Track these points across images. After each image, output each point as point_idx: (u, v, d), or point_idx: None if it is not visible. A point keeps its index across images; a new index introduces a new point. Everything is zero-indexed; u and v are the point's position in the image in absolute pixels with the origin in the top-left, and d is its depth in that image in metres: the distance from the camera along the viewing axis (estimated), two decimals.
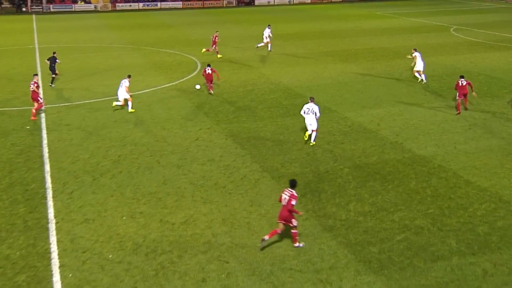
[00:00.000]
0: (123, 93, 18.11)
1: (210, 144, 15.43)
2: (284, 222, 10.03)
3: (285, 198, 10.03)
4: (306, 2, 67.38)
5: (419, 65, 21.73)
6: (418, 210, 11.51)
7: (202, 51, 28.50)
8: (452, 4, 60.19)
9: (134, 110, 18.10)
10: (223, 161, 14.22)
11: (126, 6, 56.83)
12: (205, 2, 63.61)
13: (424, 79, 21.77)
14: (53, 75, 21.74)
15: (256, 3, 65.52)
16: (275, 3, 65.96)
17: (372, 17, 37.63)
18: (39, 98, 17.46)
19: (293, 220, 9.98)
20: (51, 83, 21.61)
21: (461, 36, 34.01)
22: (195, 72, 24.47)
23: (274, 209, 11.43)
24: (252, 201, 11.96)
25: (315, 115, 15.19)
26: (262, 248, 9.90)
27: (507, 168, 13.66)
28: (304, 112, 15.37)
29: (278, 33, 36.98)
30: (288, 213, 9.94)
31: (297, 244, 10.09)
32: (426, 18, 43.63)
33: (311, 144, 15.26)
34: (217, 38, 27.63)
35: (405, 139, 15.71)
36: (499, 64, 25.34)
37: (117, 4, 56.81)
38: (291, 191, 10.00)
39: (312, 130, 15.34)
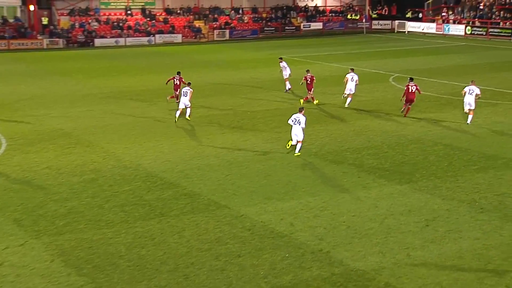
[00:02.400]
0: (187, 101, 28.24)
1: (24, 272, 14.49)
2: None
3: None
4: (176, 41, 69.70)
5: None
6: None
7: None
8: (391, 41, 66.31)
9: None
10: None
11: None
12: (10, 41, 63.38)
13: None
14: None
15: (97, 43, 66.33)
16: (127, 44, 67.38)
17: (275, 62, 39.56)
18: None
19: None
20: None
21: (403, 87, 36.52)
22: None
23: None
24: None
25: (300, 124, 22.63)
26: None
27: (488, 285, 13.80)
28: (292, 122, 22.96)
29: (130, 89, 37.92)
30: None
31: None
32: (355, 63, 46.70)
33: (296, 155, 22.38)
34: None
35: (333, 246, 15.64)
36: (463, 128, 27.04)
37: None
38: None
39: (298, 141, 22.73)
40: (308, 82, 32.04)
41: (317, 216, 17.54)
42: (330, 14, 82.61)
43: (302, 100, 26.71)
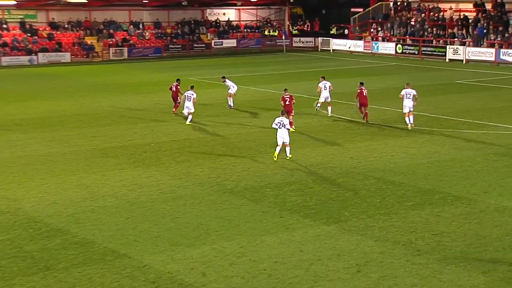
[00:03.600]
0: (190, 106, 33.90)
1: None
2: None
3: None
4: (63, 61, 68.84)
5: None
6: None
7: None
8: (315, 61, 67.64)
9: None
10: None
11: None
12: None
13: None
14: None
15: None
16: (3, 64, 65.93)
17: (182, 85, 39.51)
18: None
19: None
20: None
21: (328, 113, 37.33)
22: None
23: None
24: None
25: (285, 126, 26.98)
26: None
27: None
28: (277, 125, 27.00)
29: (7, 118, 37.21)
30: None
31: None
32: (274, 85, 47.64)
33: (288, 157, 27.14)
34: None
35: None
36: (396, 159, 27.82)
37: None
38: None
39: (285, 144, 27.11)
40: (287, 103, 32.25)
41: (233, 264, 17.48)
42: (245, 30, 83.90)
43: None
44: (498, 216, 20.60)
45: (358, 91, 34.78)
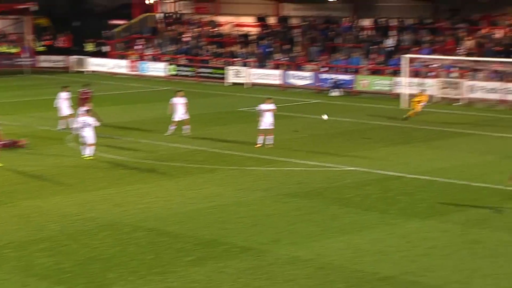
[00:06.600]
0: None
1: None
2: None
3: None
4: None
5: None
6: None
7: None
8: (68, 85, 66.07)
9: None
10: None
11: None
12: None
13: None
14: None
15: None
16: None
17: None
18: None
19: None
20: None
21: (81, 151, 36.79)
22: None
23: None
24: None
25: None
26: None
27: None
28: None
29: None
30: None
31: None
32: (12, 117, 46.59)
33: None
34: None
35: None
36: (172, 205, 28.03)
37: None
38: None
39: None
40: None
41: None
42: None
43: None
44: (289, 268, 21.22)
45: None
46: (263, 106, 38.36)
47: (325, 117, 42.28)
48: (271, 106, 38.39)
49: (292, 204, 27.98)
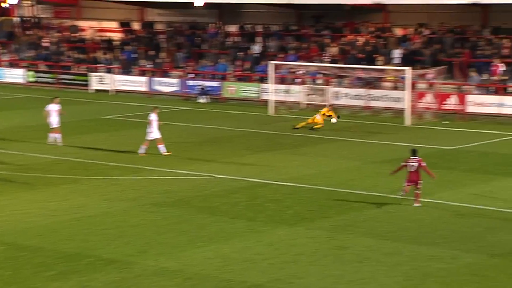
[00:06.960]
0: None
1: None
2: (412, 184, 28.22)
3: (412, 165, 28.05)
4: None
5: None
6: None
7: None
8: None
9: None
10: None
11: None
12: None
13: None
14: None
15: None
16: None
17: None
18: None
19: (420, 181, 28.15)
20: None
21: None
22: None
23: None
24: None
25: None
26: None
27: None
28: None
29: None
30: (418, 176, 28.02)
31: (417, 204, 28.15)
32: None
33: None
34: None
35: None
36: (31, 218, 27.35)
37: None
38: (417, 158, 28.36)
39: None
40: None
41: None
42: None
43: None
44: (157, 280, 21.07)
45: None
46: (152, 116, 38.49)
47: (334, 120, 45.97)
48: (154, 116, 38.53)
49: (160, 214, 27.83)
